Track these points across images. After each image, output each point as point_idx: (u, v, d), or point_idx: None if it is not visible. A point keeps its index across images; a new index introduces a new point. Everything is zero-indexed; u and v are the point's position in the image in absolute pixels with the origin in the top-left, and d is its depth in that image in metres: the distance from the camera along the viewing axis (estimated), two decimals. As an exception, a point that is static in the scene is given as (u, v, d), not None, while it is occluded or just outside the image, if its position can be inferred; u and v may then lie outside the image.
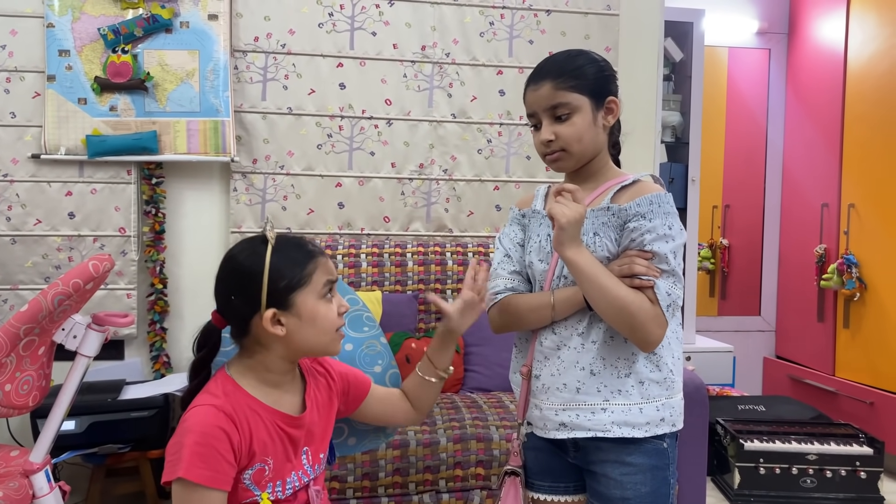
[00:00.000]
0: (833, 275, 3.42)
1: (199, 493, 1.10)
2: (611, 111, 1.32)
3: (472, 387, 2.66)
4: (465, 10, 3.00)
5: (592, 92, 1.29)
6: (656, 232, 1.22)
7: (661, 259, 1.21)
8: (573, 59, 1.31)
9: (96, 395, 2.35)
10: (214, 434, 1.12)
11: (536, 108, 1.30)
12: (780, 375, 3.95)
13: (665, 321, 1.21)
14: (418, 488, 2.16)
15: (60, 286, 1.59)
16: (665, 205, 1.24)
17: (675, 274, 1.22)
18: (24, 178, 2.72)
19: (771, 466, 2.75)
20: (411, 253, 2.87)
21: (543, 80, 1.29)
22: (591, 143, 1.30)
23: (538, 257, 1.35)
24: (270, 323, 1.17)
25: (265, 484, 1.19)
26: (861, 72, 3.36)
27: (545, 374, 1.31)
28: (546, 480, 1.38)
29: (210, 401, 1.17)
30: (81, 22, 2.70)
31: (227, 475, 1.13)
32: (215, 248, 2.88)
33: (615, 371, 1.26)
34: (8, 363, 1.60)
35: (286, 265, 1.19)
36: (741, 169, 4.11)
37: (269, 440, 1.20)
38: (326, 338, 1.24)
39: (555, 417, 1.29)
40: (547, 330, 1.32)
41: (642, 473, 1.26)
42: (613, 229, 1.27)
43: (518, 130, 3.06)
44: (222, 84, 2.78)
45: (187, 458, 1.09)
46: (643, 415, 1.25)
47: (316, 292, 1.21)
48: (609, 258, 1.26)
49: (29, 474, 1.70)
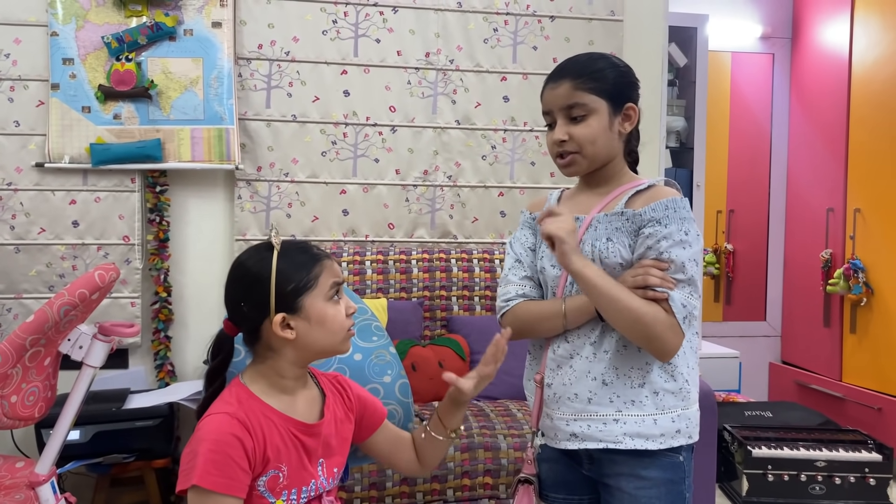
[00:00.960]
0: (839, 280, 3.41)
1: (213, 500, 1.10)
2: (628, 118, 1.30)
3: (478, 395, 2.63)
4: (468, 17, 3.00)
5: (611, 96, 1.27)
6: (672, 238, 1.19)
7: (678, 268, 1.19)
8: (595, 62, 1.29)
9: (101, 404, 2.34)
10: (228, 441, 1.12)
11: (553, 106, 1.28)
12: (787, 381, 3.93)
13: (681, 331, 1.18)
14: (426, 498, 2.15)
15: (66, 296, 1.59)
16: (681, 210, 1.22)
17: (693, 283, 1.20)
18: (28, 187, 2.71)
19: (779, 473, 2.73)
20: (416, 260, 2.86)
21: (563, 79, 1.27)
22: (604, 148, 1.28)
23: (550, 262, 1.33)
24: (280, 327, 1.18)
25: (280, 491, 1.19)
26: (865, 76, 3.36)
27: (557, 383, 1.29)
28: (560, 493, 1.37)
29: (223, 409, 1.17)
30: (85, 30, 2.69)
31: (242, 482, 1.13)
32: (220, 256, 2.87)
33: (628, 381, 1.24)
34: (14, 374, 1.59)
35: (292, 269, 1.20)
36: (745, 173, 4.10)
37: (283, 447, 1.20)
38: (336, 338, 1.24)
39: (566, 428, 1.27)
40: (560, 338, 1.30)
41: (657, 488, 1.24)
42: (627, 234, 1.25)
43: (522, 136, 3.06)
44: (226, 92, 2.77)
45: (201, 466, 1.10)
46: (657, 426, 1.23)
47: (323, 294, 1.21)
48: (622, 264, 1.24)
49: (35, 486, 1.69)
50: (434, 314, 2.83)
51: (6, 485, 1.71)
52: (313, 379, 1.34)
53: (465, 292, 2.86)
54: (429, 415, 1.43)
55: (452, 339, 2.70)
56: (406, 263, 2.85)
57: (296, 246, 1.24)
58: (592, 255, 1.25)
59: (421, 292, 2.83)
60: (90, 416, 2.24)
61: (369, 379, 1.58)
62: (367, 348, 1.62)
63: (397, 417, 1.60)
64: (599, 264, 1.24)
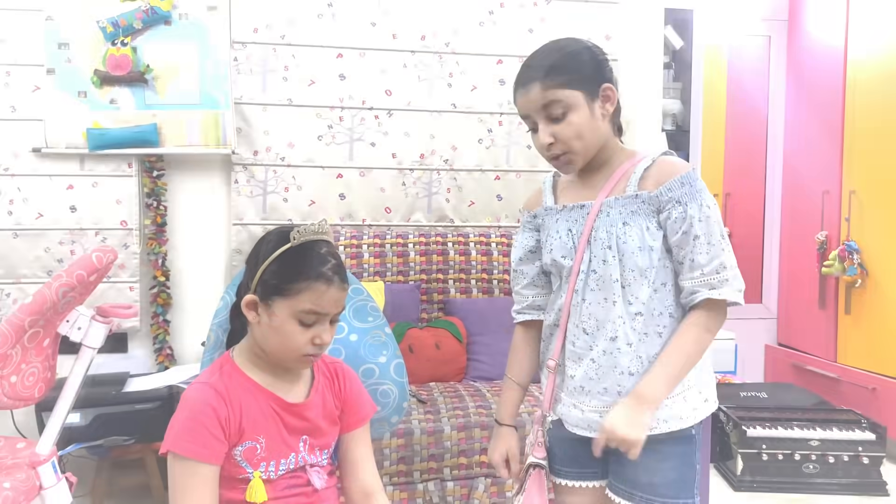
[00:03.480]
0: (834, 261, 3.42)
1: (188, 465, 1.14)
2: (608, 98, 1.24)
3: (475, 376, 2.66)
4: (464, 0, 2.99)
5: (584, 84, 1.21)
6: (698, 215, 1.19)
7: (713, 238, 1.20)
8: (558, 54, 1.23)
9: (100, 387, 2.36)
10: (203, 410, 1.16)
11: (529, 111, 1.25)
12: (783, 363, 3.95)
13: (723, 308, 1.23)
14: (423, 477, 2.17)
15: (65, 278, 1.60)
16: (696, 182, 1.21)
17: (725, 241, 1.22)
18: (25, 173, 2.72)
19: (774, 453, 2.75)
20: (413, 243, 2.87)
21: (531, 83, 1.22)
22: (593, 138, 1.24)
23: (561, 253, 1.30)
24: (247, 306, 1.20)
25: (258, 462, 1.21)
26: (861, 58, 3.35)
27: (581, 376, 1.27)
28: (573, 468, 1.36)
29: (204, 378, 1.22)
30: (80, 15, 2.69)
31: (215, 450, 1.16)
32: (217, 241, 2.89)
33: None
34: (13, 355, 1.60)
35: (283, 269, 1.18)
36: (742, 157, 4.10)
37: (261, 419, 1.21)
38: (286, 355, 1.21)
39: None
40: (578, 329, 1.28)
41: (670, 460, 1.24)
42: (645, 217, 1.23)
43: (518, 120, 3.04)
44: (222, 76, 2.77)
45: (176, 433, 1.15)
46: (687, 403, 1.24)
47: (294, 310, 1.17)
48: (640, 247, 1.22)
49: (36, 466, 1.71)
50: (431, 297, 2.85)
51: (8, 465, 1.73)
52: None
53: (462, 275, 2.88)
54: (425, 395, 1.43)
55: (449, 321, 2.72)
56: (403, 247, 2.86)
57: (308, 253, 1.19)
58: (609, 242, 1.23)
59: (418, 275, 2.84)
60: (90, 399, 2.25)
61: (365, 359, 1.59)
62: (363, 329, 1.63)
63: (392, 397, 1.61)
64: (616, 250, 1.23)
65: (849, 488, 2.73)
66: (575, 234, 1.29)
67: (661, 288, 1.23)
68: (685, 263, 1.22)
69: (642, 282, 1.22)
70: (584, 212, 1.28)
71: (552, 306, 1.35)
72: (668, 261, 1.24)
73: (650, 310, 1.23)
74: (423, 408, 2.30)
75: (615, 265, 1.23)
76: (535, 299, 1.41)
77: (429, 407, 2.30)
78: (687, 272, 1.22)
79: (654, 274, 1.22)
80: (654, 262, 1.22)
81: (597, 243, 1.25)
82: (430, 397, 2.40)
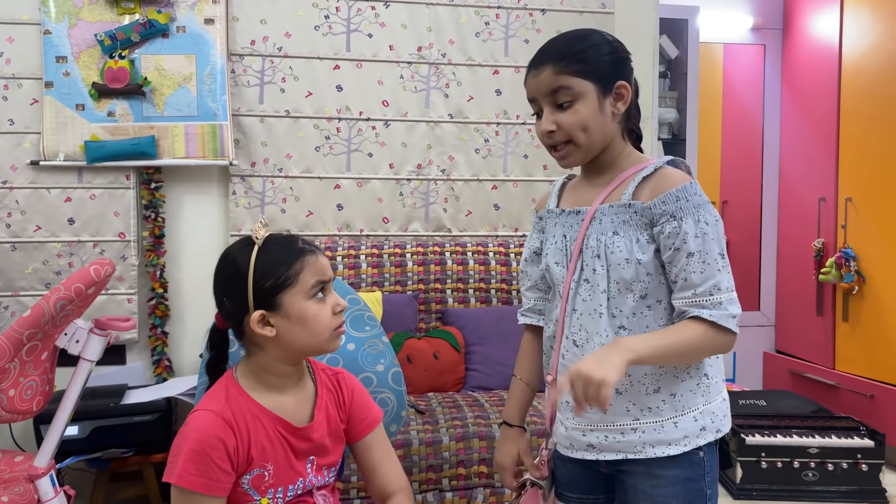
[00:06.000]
0: (831, 269, 3.43)
1: (193, 499, 1.11)
2: (621, 97, 1.18)
3: (473, 385, 2.66)
4: (460, 11, 3.01)
5: (598, 77, 1.16)
6: (693, 232, 1.12)
7: (707, 254, 1.12)
8: (578, 42, 1.17)
9: (99, 399, 2.36)
10: (210, 442, 1.12)
11: (536, 93, 1.19)
12: (781, 370, 3.96)
13: (731, 328, 1.13)
14: (422, 487, 2.17)
15: (63, 291, 1.60)
16: (693, 196, 1.13)
17: (724, 260, 1.14)
18: (23, 185, 2.72)
19: (773, 460, 2.75)
20: (410, 253, 2.88)
21: (544, 64, 1.17)
22: (598, 133, 1.18)
23: (555, 259, 1.26)
24: (258, 325, 1.15)
25: (265, 490, 1.18)
26: (856, 66, 3.37)
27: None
28: (575, 492, 1.31)
29: (210, 405, 1.16)
30: (78, 28, 2.70)
31: (222, 482, 1.13)
32: (215, 252, 2.83)
33: (642, 388, 1.17)
34: (11, 368, 1.60)
35: (271, 265, 1.16)
36: (738, 165, 4.12)
37: (269, 446, 1.18)
38: (319, 338, 1.19)
39: (582, 438, 1.21)
40: (569, 341, 1.23)
41: (674, 486, 1.17)
42: (636, 228, 1.16)
43: (515, 130, 3.07)
44: (219, 88, 2.79)
45: (181, 465, 1.10)
46: (679, 429, 1.16)
47: (304, 292, 1.17)
48: (627, 259, 1.15)
49: (34, 479, 1.71)
50: (429, 307, 2.85)
51: (5, 478, 1.73)
52: (311, 374, 1.31)
53: (460, 285, 2.88)
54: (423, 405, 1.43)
55: (447, 331, 2.72)
56: (401, 257, 2.86)
57: (279, 241, 1.20)
58: (598, 250, 1.18)
59: (416, 285, 2.85)
60: (89, 411, 2.26)
61: (362, 368, 1.59)
62: (360, 338, 1.63)
63: (390, 405, 1.62)
64: (604, 260, 1.17)
65: (848, 496, 2.72)
66: (569, 241, 1.24)
67: (655, 305, 1.17)
68: (678, 282, 1.14)
69: (627, 294, 1.17)
70: (579, 218, 1.23)
71: (549, 317, 1.31)
72: (662, 277, 1.17)
73: (640, 325, 1.17)
74: (421, 418, 2.30)
75: (603, 275, 1.18)
76: (537, 303, 1.37)
77: (427, 417, 2.30)
78: (678, 291, 1.14)
79: (642, 288, 1.16)
80: (640, 275, 1.15)
81: (588, 251, 1.20)
82: (429, 407, 2.40)
